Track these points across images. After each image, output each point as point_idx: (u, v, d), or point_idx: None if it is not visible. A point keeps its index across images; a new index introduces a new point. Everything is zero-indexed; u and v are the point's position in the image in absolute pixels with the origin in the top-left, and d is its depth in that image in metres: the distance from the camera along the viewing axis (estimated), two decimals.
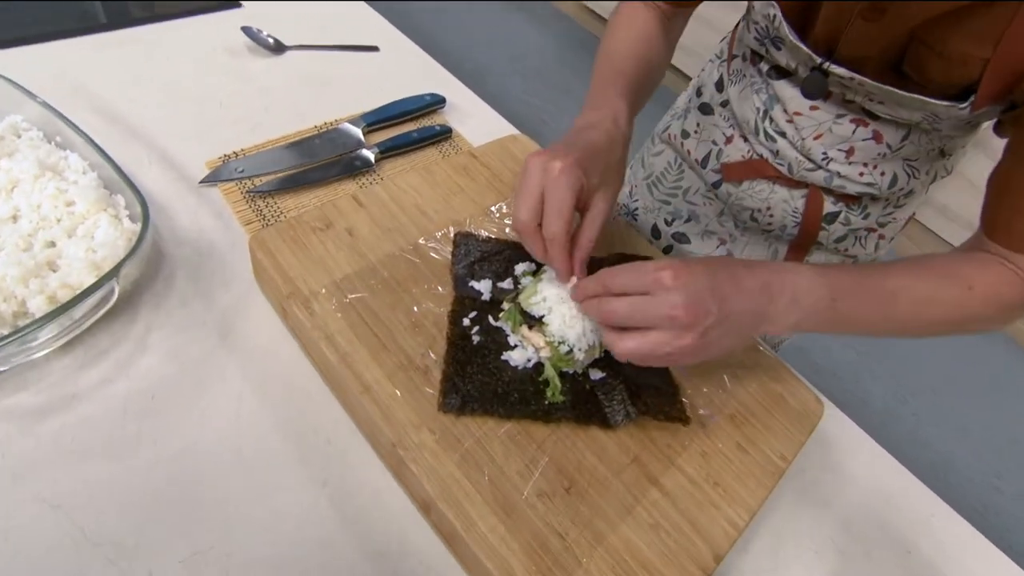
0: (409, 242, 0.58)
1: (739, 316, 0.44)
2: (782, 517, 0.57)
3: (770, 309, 0.46)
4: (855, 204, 0.69)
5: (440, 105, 0.81)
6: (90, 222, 0.55)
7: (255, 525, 0.45)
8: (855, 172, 0.64)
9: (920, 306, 0.49)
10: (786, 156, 0.66)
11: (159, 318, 0.54)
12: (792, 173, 0.67)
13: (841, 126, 0.61)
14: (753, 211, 0.72)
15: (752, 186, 0.71)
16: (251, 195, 0.65)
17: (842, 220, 0.70)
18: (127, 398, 0.49)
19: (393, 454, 0.46)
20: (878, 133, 0.61)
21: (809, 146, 0.64)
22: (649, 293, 0.43)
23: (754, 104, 0.67)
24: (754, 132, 0.68)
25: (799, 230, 0.71)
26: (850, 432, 0.66)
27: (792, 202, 0.70)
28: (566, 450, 0.48)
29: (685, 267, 0.43)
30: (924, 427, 1.89)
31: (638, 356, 0.44)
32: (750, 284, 0.45)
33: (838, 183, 0.65)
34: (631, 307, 0.43)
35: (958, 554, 0.59)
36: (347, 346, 0.49)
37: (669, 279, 0.42)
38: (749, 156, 0.70)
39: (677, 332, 0.42)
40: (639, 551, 0.45)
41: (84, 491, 0.44)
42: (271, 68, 0.81)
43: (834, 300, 0.47)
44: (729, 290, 0.44)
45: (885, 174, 0.64)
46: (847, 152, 0.63)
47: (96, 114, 0.68)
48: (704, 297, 0.42)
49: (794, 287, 0.46)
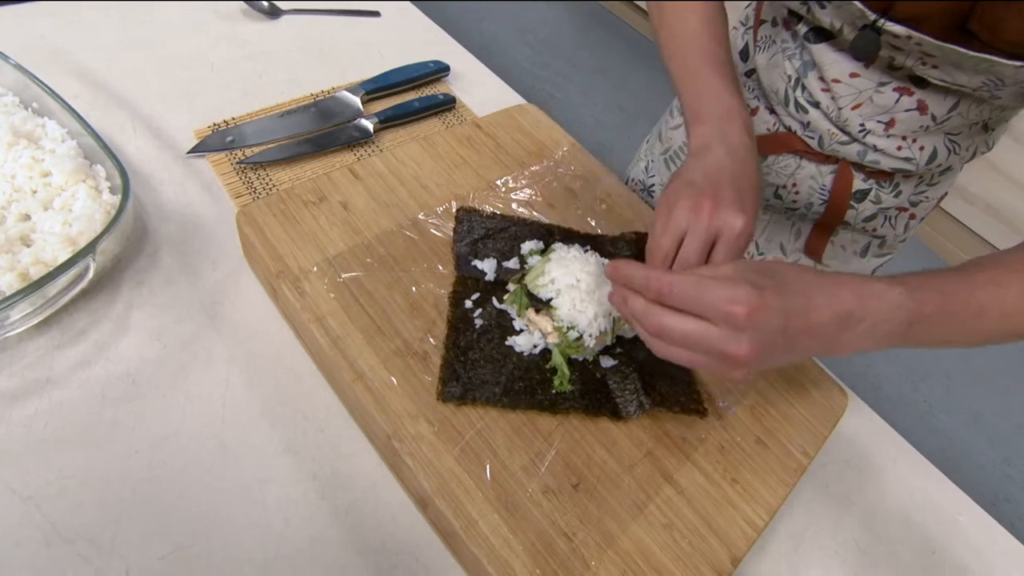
0: (408, 217, 0.54)
1: (800, 349, 0.40)
2: (801, 515, 0.53)
3: (841, 338, 0.40)
4: (887, 181, 0.64)
5: (444, 73, 0.77)
6: (68, 194, 0.52)
7: (240, 520, 0.42)
8: (893, 146, 0.59)
9: (1007, 320, 0.43)
10: (818, 128, 0.61)
11: (141, 296, 0.51)
12: (822, 147, 0.62)
13: (883, 95, 0.56)
14: (777, 188, 0.68)
15: (777, 161, 0.67)
16: (242, 166, 0.61)
17: (872, 198, 0.65)
18: (105, 382, 0.46)
19: (388, 446, 0.43)
20: (923, 103, 0.55)
21: (846, 116, 0.59)
22: (712, 322, 0.38)
23: (785, 72, 0.62)
24: (783, 102, 0.63)
25: (825, 208, 0.67)
26: (873, 425, 0.62)
27: (820, 178, 0.65)
28: (574, 444, 0.45)
29: (760, 302, 0.37)
30: (936, 414, 1.85)
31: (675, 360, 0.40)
32: (824, 319, 0.39)
33: (872, 158, 0.60)
34: (686, 331, 0.38)
35: (987, 555, 0.56)
36: (339, 329, 0.46)
37: (743, 319, 0.36)
38: (775, 129, 0.65)
39: (730, 364, 0.38)
40: (651, 553, 0.42)
41: (57, 482, 0.41)
42: (266, 33, 0.76)
43: (911, 325, 0.41)
44: (799, 328, 0.39)
45: (924, 148, 0.59)
46: (887, 124, 0.58)
47: (77, 80, 0.64)
48: (773, 340, 0.38)
49: (875, 315, 0.40)
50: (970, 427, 1.85)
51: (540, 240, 0.55)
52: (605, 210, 0.61)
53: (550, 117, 0.70)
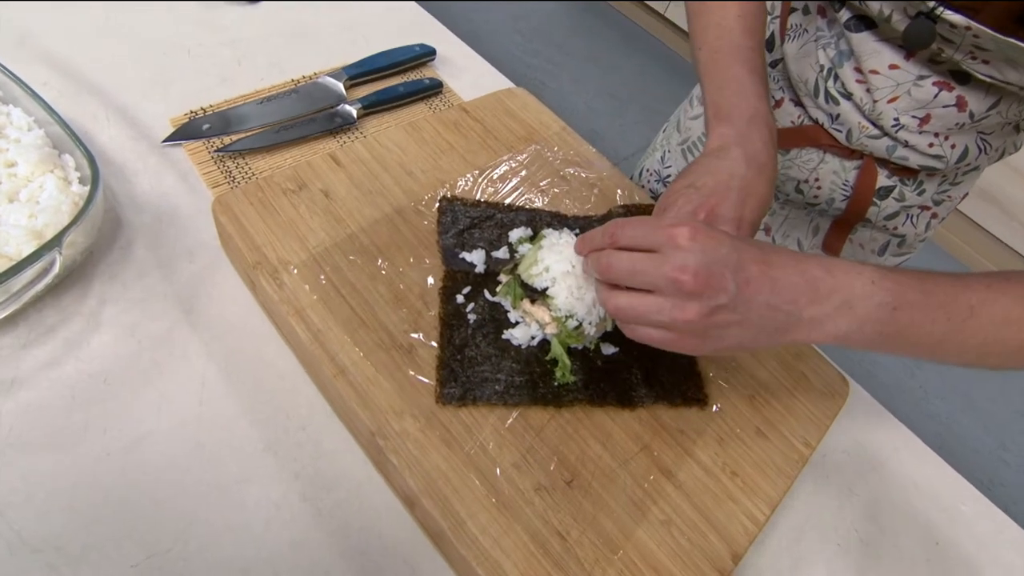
0: (392, 205, 0.52)
1: (761, 308, 0.36)
2: (802, 507, 0.52)
3: (812, 311, 0.37)
4: (911, 179, 0.62)
5: (430, 57, 0.74)
6: (34, 185, 0.49)
7: (218, 523, 0.40)
8: (924, 142, 0.57)
9: (1002, 328, 0.39)
10: (848, 120, 0.59)
11: (114, 291, 0.49)
12: (850, 141, 0.60)
13: (922, 88, 0.54)
14: (799, 182, 0.66)
15: (800, 155, 0.64)
16: (220, 155, 0.58)
17: (896, 196, 0.63)
18: (76, 382, 0.44)
19: (373, 444, 0.41)
20: (962, 99, 0.53)
21: (880, 110, 0.56)
22: (658, 251, 0.36)
23: (818, 61, 0.59)
24: (812, 93, 0.60)
25: (847, 205, 0.65)
26: (873, 413, 0.61)
27: (843, 174, 0.63)
28: (568, 438, 0.43)
29: (708, 230, 0.36)
30: (932, 400, 1.85)
31: (630, 316, 0.38)
32: (788, 276, 0.37)
33: (900, 154, 0.58)
34: (633, 260, 0.37)
35: (991, 544, 0.55)
36: (320, 322, 0.44)
37: (684, 237, 0.35)
38: (800, 121, 0.63)
39: (679, 301, 0.35)
40: (649, 552, 0.40)
41: (22, 488, 0.39)
42: (245, 17, 0.74)
43: (895, 309, 0.38)
44: (756, 273, 0.36)
45: (956, 147, 0.57)
46: (921, 120, 0.55)
47: (46, 66, 0.61)
48: (721, 269, 0.35)
49: (847, 291, 0.37)
50: (965, 412, 1.85)
51: (528, 227, 0.53)
52: (597, 194, 0.59)
53: (539, 100, 0.67)
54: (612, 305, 0.39)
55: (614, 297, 0.38)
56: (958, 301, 0.39)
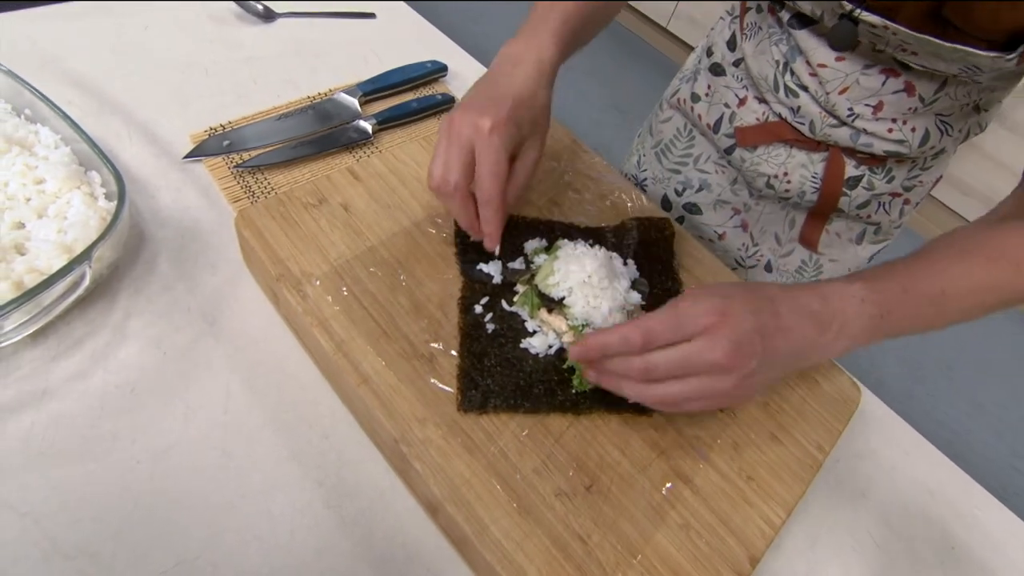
0: (410, 218, 0.53)
1: (783, 355, 0.41)
2: (817, 511, 0.52)
3: (819, 341, 0.42)
4: (879, 167, 0.63)
5: (442, 73, 0.76)
6: (62, 201, 0.51)
7: (245, 532, 0.41)
8: (883, 128, 0.58)
9: (970, 297, 0.46)
10: (808, 113, 0.60)
11: (139, 304, 0.50)
12: (814, 132, 0.61)
13: (869, 77, 0.56)
14: (769, 177, 0.67)
15: (768, 151, 0.66)
16: (239, 171, 0.60)
17: (865, 184, 0.64)
18: (104, 393, 0.45)
19: (396, 451, 0.42)
20: (910, 84, 0.55)
21: (834, 101, 0.58)
22: (691, 340, 0.39)
23: (772, 57, 0.61)
24: (772, 88, 0.62)
25: (818, 196, 0.66)
26: (883, 417, 0.61)
27: (811, 166, 0.65)
28: (586, 444, 0.44)
29: (729, 307, 0.39)
30: (940, 407, 1.85)
31: (674, 403, 0.41)
32: (796, 321, 0.41)
33: (864, 141, 0.60)
34: (674, 360, 0.39)
35: (1008, 550, 0.55)
36: (343, 333, 0.45)
37: (715, 325, 0.38)
38: (765, 118, 0.65)
39: (718, 377, 0.39)
40: (668, 555, 0.41)
41: (55, 497, 0.40)
42: (260, 36, 0.75)
43: (883, 317, 0.43)
44: (773, 329, 0.40)
45: (916, 130, 0.59)
46: (875, 107, 0.57)
47: (70, 86, 0.63)
48: (750, 341, 0.39)
49: (842, 315, 0.42)
50: (975, 419, 1.84)
51: (543, 238, 0.54)
52: (609, 206, 0.61)
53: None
54: (657, 397, 0.41)
55: (653, 389, 0.41)
56: (932, 289, 0.45)
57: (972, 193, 2.10)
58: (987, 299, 0.46)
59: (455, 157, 0.45)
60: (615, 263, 0.51)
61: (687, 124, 0.76)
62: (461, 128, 0.45)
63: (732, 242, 0.77)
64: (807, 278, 0.76)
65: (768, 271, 0.77)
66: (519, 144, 0.49)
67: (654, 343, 0.39)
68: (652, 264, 0.56)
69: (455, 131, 0.46)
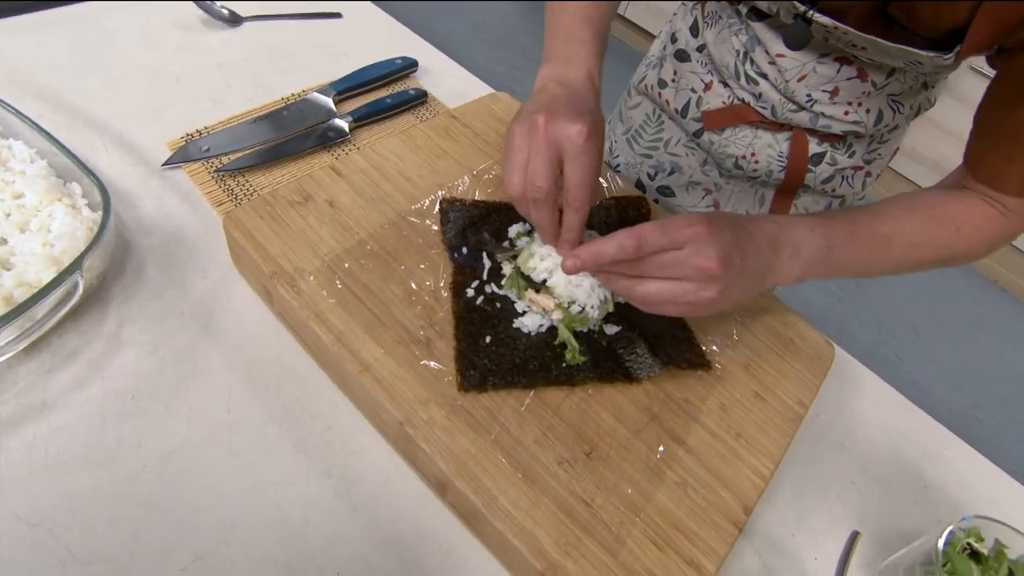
0: (395, 210, 0.54)
1: (754, 269, 0.45)
2: (801, 464, 0.55)
3: (776, 263, 0.47)
4: (840, 143, 0.67)
5: (412, 69, 0.77)
6: (44, 214, 0.50)
7: (259, 523, 0.42)
8: (840, 111, 0.62)
9: (911, 249, 0.51)
10: (769, 98, 0.64)
11: (131, 312, 0.50)
12: (776, 116, 0.64)
13: (825, 66, 0.59)
14: (737, 158, 0.70)
15: (735, 133, 0.69)
16: (220, 174, 0.60)
17: (828, 160, 0.68)
18: (104, 400, 0.45)
19: (401, 434, 0.43)
20: (862, 71, 0.59)
21: (793, 88, 0.61)
22: (681, 248, 0.42)
23: (733, 46, 0.64)
24: (734, 76, 0.65)
25: (785, 174, 0.69)
26: (856, 373, 0.65)
27: (777, 146, 0.68)
28: (583, 414, 0.46)
29: (714, 222, 0.43)
30: (907, 367, 1.93)
31: (657, 301, 0.44)
32: (760, 238, 0.46)
33: (823, 123, 0.63)
34: (667, 261, 0.43)
35: (974, 485, 0.59)
36: (340, 324, 0.46)
37: (705, 234, 0.42)
38: (730, 102, 0.67)
39: (703, 283, 0.42)
40: (669, 511, 0.43)
41: (66, 505, 0.40)
42: (229, 41, 0.75)
43: (831, 248, 0.48)
44: (747, 244, 0.44)
45: (870, 111, 0.62)
46: (831, 92, 0.61)
47: (38, 100, 0.62)
48: (732, 251, 0.43)
49: (795, 239, 0.47)
50: (939, 376, 1.94)
51: (525, 223, 0.56)
52: None
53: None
54: (641, 293, 0.44)
55: (642, 285, 0.44)
56: (878, 233, 0.50)
57: (925, 162, 2.20)
58: (926, 253, 0.51)
59: (543, 163, 0.44)
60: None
61: (656, 109, 0.78)
62: (552, 135, 0.43)
63: None
64: None
65: None
66: None
67: (647, 250, 0.42)
68: None
69: (543, 138, 0.43)
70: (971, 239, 0.51)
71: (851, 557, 0.51)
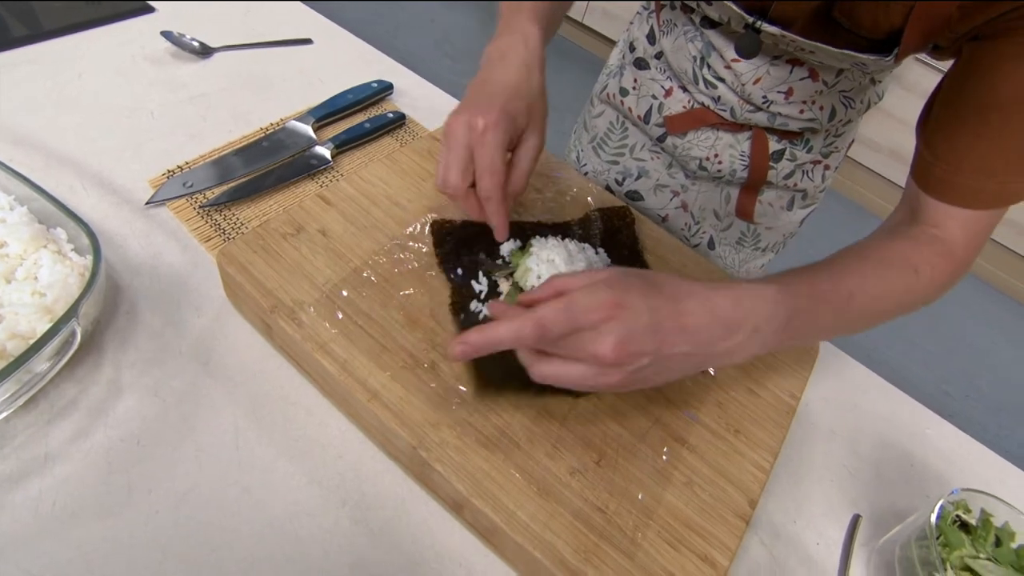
0: (388, 236, 0.55)
1: (678, 358, 0.39)
2: (796, 454, 0.58)
3: (726, 345, 0.40)
4: (798, 140, 0.70)
5: (388, 92, 0.77)
6: (29, 262, 0.50)
7: (279, 559, 0.42)
8: (795, 110, 0.65)
9: (874, 302, 0.47)
10: (728, 101, 0.67)
11: (128, 355, 0.49)
12: (735, 117, 0.67)
13: (778, 68, 0.62)
14: (701, 160, 0.73)
15: (697, 135, 0.72)
16: (205, 210, 0.60)
17: (788, 156, 0.71)
18: (108, 448, 0.44)
19: (415, 457, 0.44)
20: (814, 71, 0.62)
21: (749, 91, 0.64)
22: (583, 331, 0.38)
23: (689, 53, 0.67)
24: (693, 81, 0.68)
25: (748, 172, 0.72)
26: (839, 362, 0.68)
27: (738, 146, 0.71)
28: (588, 423, 0.47)
29: (624, 302, 0.38)
30: (880, 349, 2.01)
31: (557, 383, 0.40)
32: (700, 321, 0.39)
33: (780, 122, 0.66)
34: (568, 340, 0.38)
35: (955, 459, 0.62)
36: (344, 354, 0.46)
37: (608, 319, 0.37)
38: (691, 106, 0.70)
39: (602, 369, 0.38)
40: (679, 511, 0.45)
41: (79, 558, 0.39)
42: (201, 73, 0.75)
43: (791, 319, 0.43)
44: (671, 329, 0.38)
45: (824, 108, 0.66)
46: (786, 93, 0.64)
47: (9, 144, 0.61)
48: (640, 339, 0.37)
49: (756, 316, 0.41)
50: (909, 355, 2.01)
51: (516, 239, 0.57)
52: (570, 201, 0.64)
53: None
54: (538, 372, 0.40)
55: (540, 365, 0.40)
56: (839, 292, 0.45)
57: (881, 150, 2.30)
58: (887, 304, 0.48)
59: (454, 160, 0.47)
60: (588, 252, 0.55)
61: (619, 117, 0.81)
62: (456, 131, 0.47)
63: (675, 223, 0.82)
64: (748, 247, 0.82)
65: (711, 248, 0.83)
66: (518, 135, 0.50)
67: (549, 338, 0.38)
68: (619, 250, 0.60)
69: (451, 135, 0.47)
70: (930, 282, 0.49)
71: (855, 539, 0.53)
